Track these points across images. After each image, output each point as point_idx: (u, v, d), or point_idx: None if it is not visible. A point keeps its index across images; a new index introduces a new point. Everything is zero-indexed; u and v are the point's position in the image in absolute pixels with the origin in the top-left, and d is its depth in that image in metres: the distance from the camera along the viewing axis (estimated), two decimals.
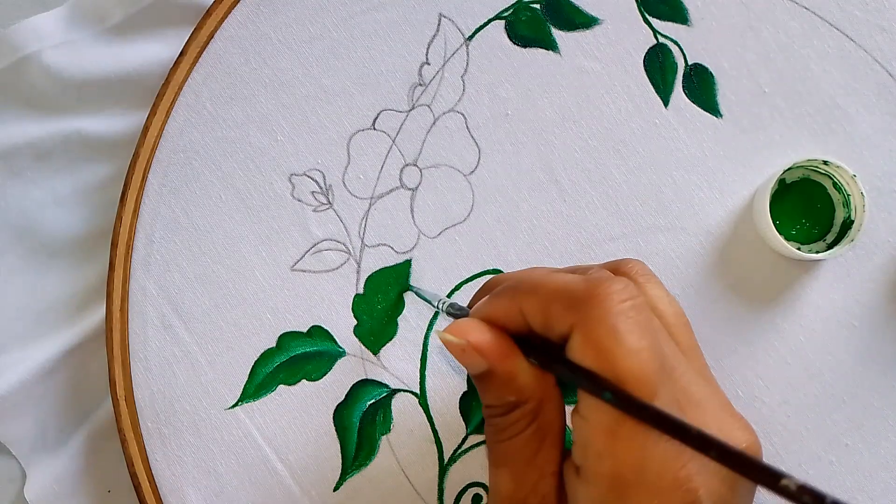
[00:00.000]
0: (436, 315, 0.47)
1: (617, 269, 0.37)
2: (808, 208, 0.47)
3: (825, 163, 0.45)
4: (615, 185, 0.47)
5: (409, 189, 0.48)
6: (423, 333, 0.47)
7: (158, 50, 0.50)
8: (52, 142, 0.50)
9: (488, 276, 0.47)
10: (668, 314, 0.37)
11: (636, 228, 0.47)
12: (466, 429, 0.47)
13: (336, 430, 0.47)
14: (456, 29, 0.48)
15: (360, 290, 0.47)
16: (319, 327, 0.47)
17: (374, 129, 0.48)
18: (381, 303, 0.47)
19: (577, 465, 0.34)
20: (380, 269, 0.47)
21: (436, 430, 0.46)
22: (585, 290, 0.32)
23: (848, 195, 0.45)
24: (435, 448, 0.46)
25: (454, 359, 0.37)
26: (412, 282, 0.47)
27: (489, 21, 0.48)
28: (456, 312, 0.41)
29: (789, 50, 0.48)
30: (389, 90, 0.48)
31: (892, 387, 0.46)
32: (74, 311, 0.50)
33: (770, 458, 0.46)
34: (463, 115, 0.48)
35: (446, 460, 0.46)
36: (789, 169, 0.45)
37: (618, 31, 0.48)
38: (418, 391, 0.47)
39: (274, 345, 0.47)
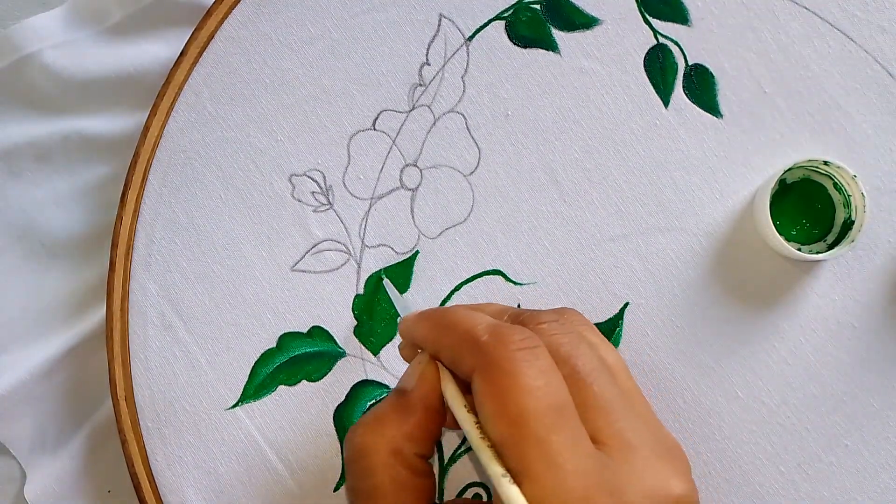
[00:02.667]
0: None
1: (558, 316, 0.39)
2: (809, 209, 0.47)
3: (826, 163, 0.45)
4: (615, 186, 0.47)
5: (410, 189, 0.48)
6: None
7: (158, 50, 0.50)
8: (52, 142, 0.50)
9: (488, 277, 0.47)
10: (609, 358, 0.39)
11: (636, 229, 0.47)
12: None
13: (336, 431, 0.47)
14: (456, 29, 0.48)
15: (361, 291, 0.47)
16: (320, 328, 0.47)
17: (375, 129, 0.48)
18: (381, 303, 0.47)
19: None
20: (380, 270, 0.47)
21: None
22: (488, 336, 0.34)
23: (848, 195, 0.45)
24: (434, 448, 0.46)
25: None
26: (412, 283, 0.47)
27: (489, 21, 0.48)
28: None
29: (790, 50, 0.48)
30: (389, 90, 0.48)
31: (893, 387, 0.46)
32: (74, 311, 0.50)
33: (770, 458, 0.46)
34: (463, 115, 0.48)
35: (446, 460, 0.46)
36: (790, 169, 0.45)
37: (618, 32, 0.48)
38: None
39: (274, 345, 0.47)
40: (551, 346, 0.36)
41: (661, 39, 0.48)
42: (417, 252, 0.47)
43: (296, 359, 0.47)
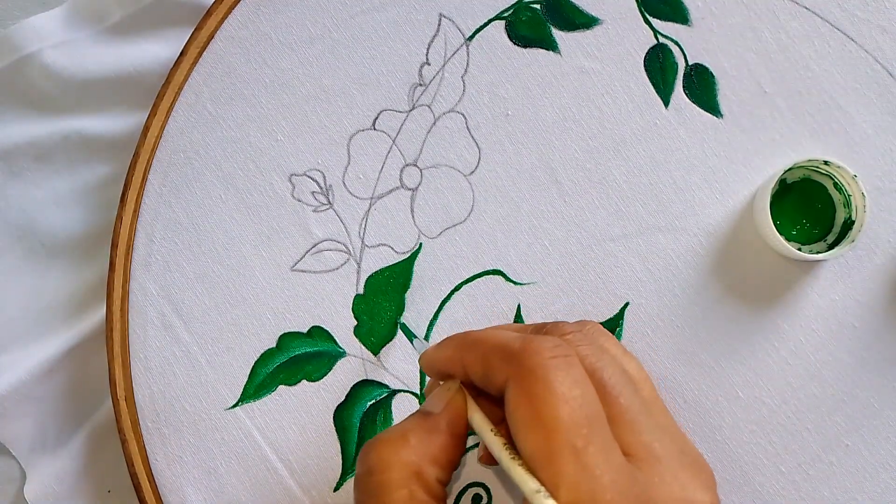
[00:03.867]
0: (436, 316, 0.47)
1: (581, 328, 0.39)
2: (809, 208, 0.47)
3: (826, 163, 0.45)
4: (615, 186, 0.47)
5: (410, 189, 0.48)
6: (424, 334, 0.47)
7: (158, 50, 0.50)
8: (52, 142, 0.50)
9: (488, 277, 0.47)
10: (631, 369, 0.39)
11: (636, 229, 0.47)
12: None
13: (336, 431, 0.47)
14: (456, 29, 0.48)
15: (361, 291, 0.47)
16: (319, 328, 0.47)
17: (375, 129, 0.48)
18: (381, 303, 0.47)
19: None
20: (380, 270, 0.47)
21: None
22: (520, 345, 0.34)
23: (849, 195, 0.45)
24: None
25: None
26: (412, 283, 0.47)
27: (489, 21, 0.48)
28: None
29: (790, 50, 0.48)
30: (390, 90, 0.48)
31: (892, 387, 0.46)
32: (74, 311, 0.50)
33: (770, 458, 0.46)
34: (463, 115, 0.48)
35: None
36: (790, 169, 0.45)
37: (618, 32, 0.48)
38: (418, 392, 0.47)
39: (274, 345, 0.47)
40: (577, 357, 0.35)
41: (662, 39, 0.48)
42: (418, 252, 0.47)
43: (296, 359, 0.47)
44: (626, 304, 0.47)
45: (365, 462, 0.36)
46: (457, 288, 0.47)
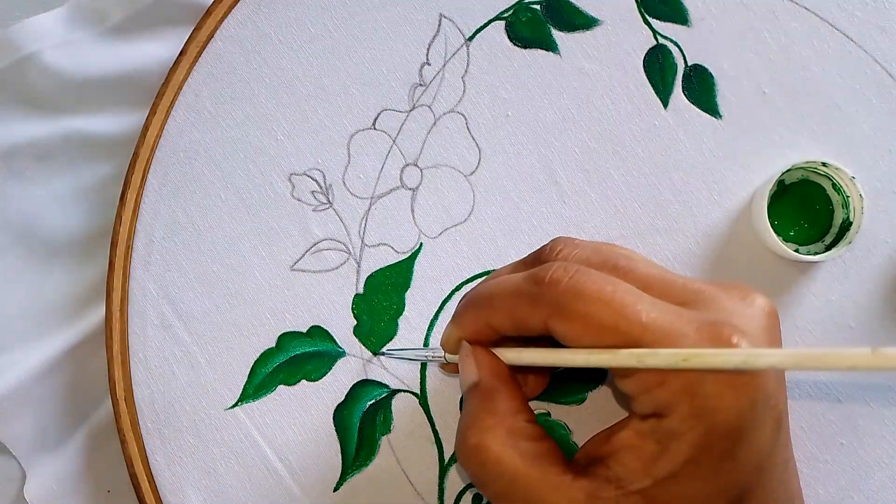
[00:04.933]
0: (436, 315, 0.47)
1: (558, 244, 0.39)
2: (807, 210, 0.47)
3: (824, 164, 0.45)
4: (614, 187, 0.48)
5: (410, 189, 0.48)
6: (424, 334, 0.47)
7: (158, 49, 0.50)
8: (52, 142, 0.49)
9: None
10: (615, 247, 0.39)
11: (635, 230, 0.47)
12: None
13: (336, 431, 0.47)
14: (456, 29, 0.48)
15: (360, 290, 0.47)
16: (319, 327, 0.47)
17: (375, 128, 0.48)
18: (381, 303, 0.47)
19: (650, 413, 0.35)
20: (380, 269, 0.47)
21: (436, 431, 0.46)
22: (538, 287, 0.35)
23: (847, 196, 0.46)
24: (435, 448, 0.46)
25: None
26: (412, 283, 0.47)
27: (489, 21, 0.48)
28: (436, 357, 0.44)
29: (789, 50, 0.48)
30: (390, 90, 0.48)
31: (888, 386, 0.46)
32: (74, 311, 0.50)
33: None
34: (463, 115, 0.48)
35: (447, 460, 0.46)
36: (788, 170, 0.45)
37: (618, 32, 0.48)
38: (418, 391, 0.47)
39: (273, 345, 0.47)
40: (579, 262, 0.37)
41: (661, 40, 0.48)
42: (418, 251, 0.47)
43: (295, 358, 0.47)
44: None
45: (470, 459, 0.37)
46: (457, 288, 0.47)
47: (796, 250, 0.46)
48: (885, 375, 0.46)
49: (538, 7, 0.48)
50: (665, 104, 0.48)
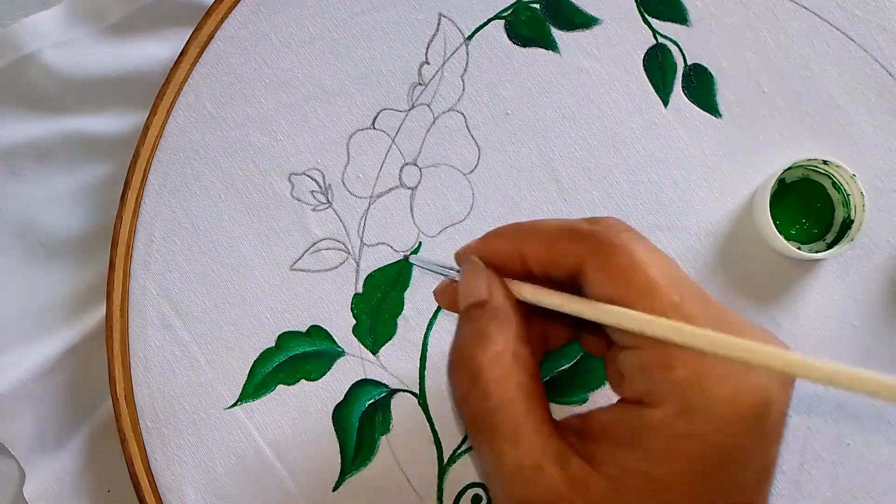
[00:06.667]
0: (435, 315, 0.47)
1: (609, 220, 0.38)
2: (808, 208, 0.47)
3: (825, 162, 0.45)
4: (615, 185, 0.47)
5: (409, 188, 0.48)
6: (423, 333, 0.47)
7: (158, 49, 0.50)
8: (52, 142, 0.50)
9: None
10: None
11: (636, 227, 0.46)
12: None
13: (335, 431, 0.46)
14: (456, 28, 0.48)
15: (360, 290, 0.47)
16: (318, 327, 0.47)
17: (374, 128, 0.48)
18: (380, 302, 0.47)
19: (637, 398, 0.33)
20: (379, 269, 0.47)
21: (435, 431, 0.46)
22: (590, 227, 0.34)
23: (847, 195, 0.45)
24: (434, 448, 0.46)
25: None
26: (412, 282, 0.47)
27: (489, 21, 0.48)
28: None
29: (789, 50, 0.48)
30: (389, 90, 0.48)
31: None
32: (74, 311, 0.50)
33: None
34: (463, 114, 0.48)
35: (446, 460, 0.46)
36: (789, 168, 0.45)
37: (617, 31, 0.48)
38: (418, 391, 0.47)
39: (273, 344, 0.47)
40: None
41: (661, 39, 0.48)
42: (417, 250, 0.47)
43: (295, 358, 0.47)
44: None
45: (462, 375, 0.34)
46: None
47: (798, 248, 0.46)
48: (891, 373, 0.46)
49: (538, 6, 0.48)
50: (665, 103, 0.48)
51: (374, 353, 0.47)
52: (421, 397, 0.47)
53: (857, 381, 0.29)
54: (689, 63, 0.48)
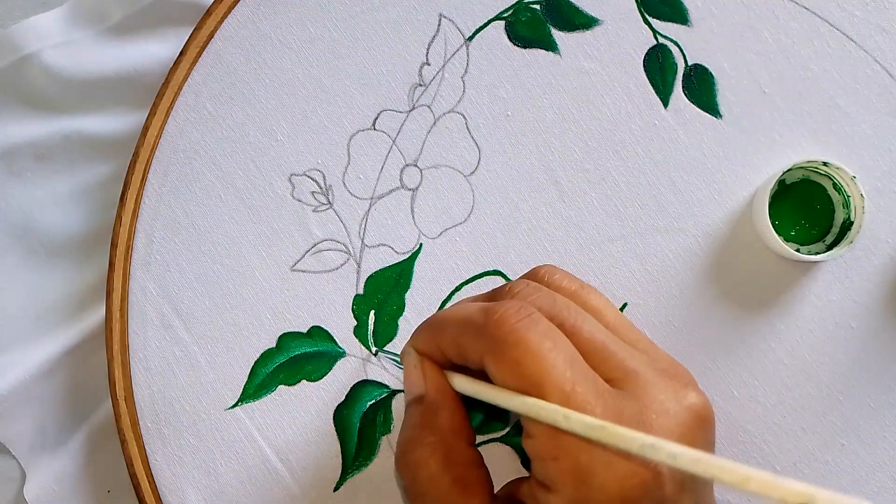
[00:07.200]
0: None
1: (530, 280, 0.40)
2: (808, 209, 0.47)
3: (825, 164, 0.45)
4: (614, 186, 0.48)
5: (410, 189, 0.48)
6: None
7: (158, 50, 0.50)
8: (52, 142, 0.50)
9: (488, 278, 0.47)
10: (591, 300, 0.40)
11: (635, 229, 0.47)
12: None
13: (336, 431, 0.47)
14: (456, 29, 0.48)
15: (361, 291, 0.47)
16: (319, 327, 0.47)
17: (375, 129, 0.48)
18: (381, 303, 0.47)
19: (541, 481, 0.35)
20: (380, 270, 0.47)
21: None
22: (485, 319, 0.36)
23: (848, 196, 0.45)
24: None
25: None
26: (412, 283, 0.47)
27: (489, 21, 0.48)
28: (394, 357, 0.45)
29: (789, 50, 0.48)
30: (390, 90, 0.48)
31: (889, 387, 0.46)
32: (74, 311, 0.50)
33: (766, 457, 0.46)
34: (463, 115, 0.48)
35: None
36: (789, 170, 0.45)
37: (618, 32, 0.48)
38: None
39: (274, 345, 0.47)
40: (537, 311, 0.37)
41: (661, 40, 0.48)
42: (418, 252, 0.47)
43: (295, 359, 0.47)
44: (625, 305, 0.47)
45: (405, 472, 0.37)
46: (457, 288, 0.47)
47: (797, 250, 0.46)
48: (888, 376, 0.46)
49: (538, 7, 0.48)
50: (665, 104, 0.48)
51: (375, 353, 0.47)
52: None
53: (727, 474, 0.30)
54: (689, 63, 0.48)
